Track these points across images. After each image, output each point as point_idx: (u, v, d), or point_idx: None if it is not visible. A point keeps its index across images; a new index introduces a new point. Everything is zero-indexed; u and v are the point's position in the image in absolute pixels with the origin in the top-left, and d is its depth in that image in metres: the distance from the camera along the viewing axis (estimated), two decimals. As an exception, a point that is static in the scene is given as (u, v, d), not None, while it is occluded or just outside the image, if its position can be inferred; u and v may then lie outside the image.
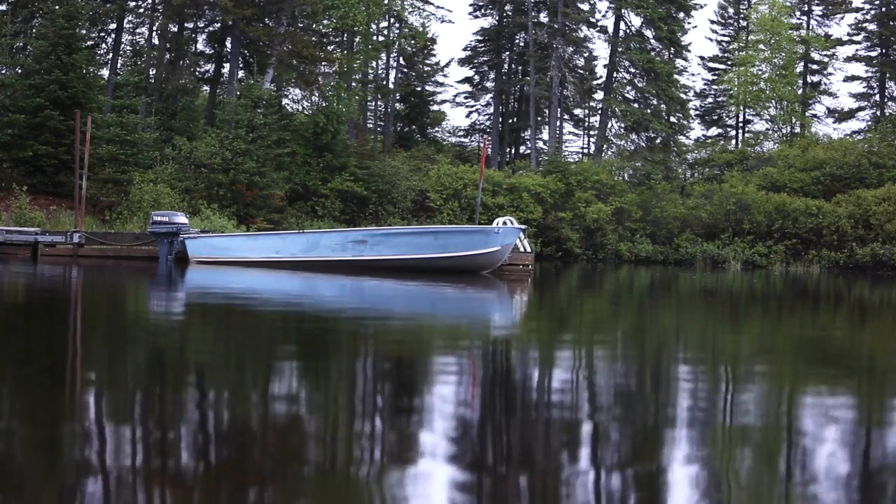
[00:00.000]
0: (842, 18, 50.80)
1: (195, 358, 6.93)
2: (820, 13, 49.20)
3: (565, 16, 43.59)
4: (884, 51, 47.72)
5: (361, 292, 15.06)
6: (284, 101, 40.84)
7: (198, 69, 39.19)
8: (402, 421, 4.71)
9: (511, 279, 19.75)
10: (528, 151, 47.68)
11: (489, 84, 51.13)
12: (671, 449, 4.28)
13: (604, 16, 46.50)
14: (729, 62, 50.26)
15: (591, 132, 53.84)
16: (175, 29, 36.76)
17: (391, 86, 46.24)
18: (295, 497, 3.38)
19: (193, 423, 4.49)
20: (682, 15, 45.79)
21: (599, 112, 48.14)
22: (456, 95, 54.08)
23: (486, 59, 50.23)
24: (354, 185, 34.90)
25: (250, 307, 11.89)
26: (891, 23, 46.84)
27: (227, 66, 37.24)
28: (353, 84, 40.02)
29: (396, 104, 47.80)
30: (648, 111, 45.06)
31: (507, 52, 49.63)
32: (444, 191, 36.26)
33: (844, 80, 49.59)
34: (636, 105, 45.41)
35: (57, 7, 31.38)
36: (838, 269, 35.69)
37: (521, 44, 48.40)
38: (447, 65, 61.15)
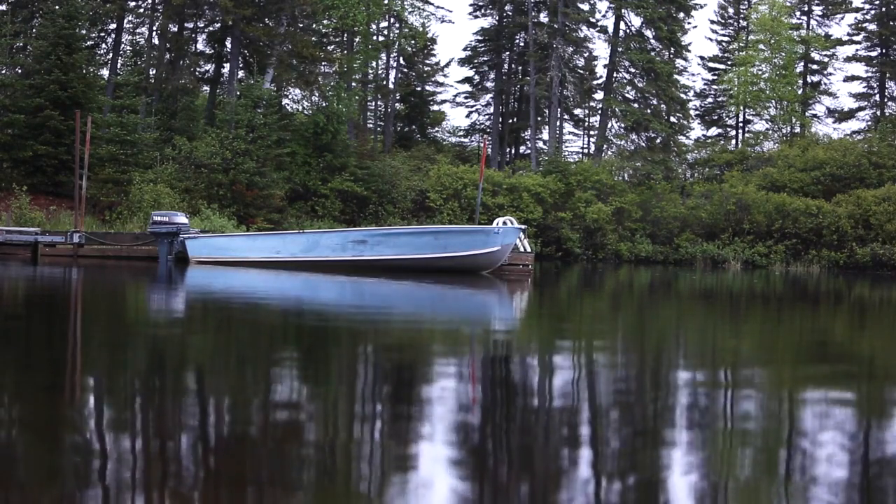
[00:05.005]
0: (842, 18, 50.80)
1: (195, 359, 6.93)
2: (820, 13, 49.20)
3: (565, 16, 43.58)
4: (884, 51, 47.71)
5: (361, 292, 15.05)
6: (284, 101, 40.84)
7: (198, 69, 39.15)
8: (402, 421, 4.71)
9: (511, 279, 19.74)
10: (528, 151, 47.67)
11: (489, 84, 51.13)
12: (672, 450, 4.28)
13: (604, 16, 46.52)
14: (729, 62, 50.24)
15: (591, 132, 53.84)
16: (175, 29, 36.73)
17: (391, 86, 46.23)
18: (296, 498, 3.38)
19: (193, 424, 4.49)
20: (682, 15, 45.77)
21: (599, 112, 48.13)
22: (456, 95, 54.14)
23: (486, 59, 50.22)
24: (354, 185, 34.89)
25: (250, 308, 11.89)
26: (891, 23, 46.83)
27: (227, 66, 37.22)
28: (353, 84, 40.01)
29: (396, 104, 47.79)
30: (648, 111, 45.04)
31: (507, 52, 49.62)
32: (444, 191, 36.26)
33: (844, 80, 49.64)
34: (636, 105, 45.39)
35: (57, 7, 31.36)
36: (838, 269, 35.69)
37: (521, 44, 48.39)
38: (447, 65, 61.19)
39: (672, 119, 46.43)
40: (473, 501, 3.44)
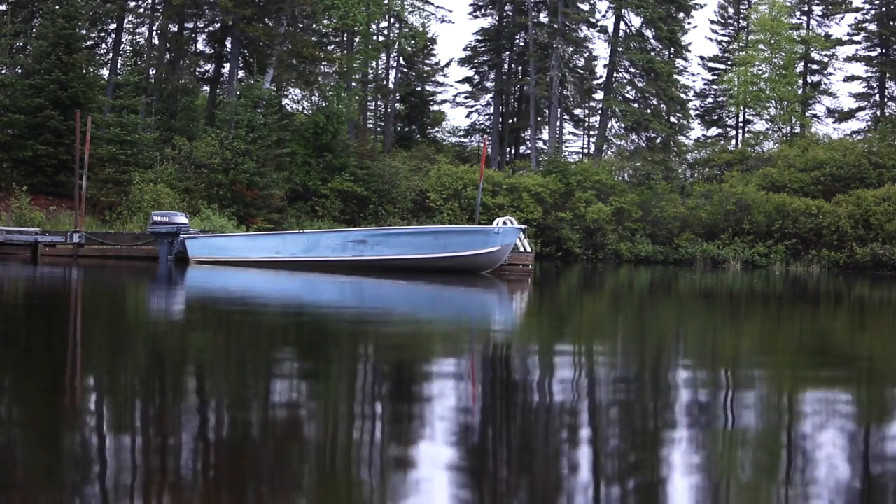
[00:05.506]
0: (842, 18, 50.78)
1: (195, 360, 6.93)
2: (820, 13, 49.19)
3: (565, 16, 43.57)
4: (884, 51, 47.70)
5: (361, 292, 15.05)
6: (284, 101, 40.83)
7: (198, 69, 39.16)
8: (403, 422, 4.71)
9: (511, 279, 19.74)
10: (528, 151, 47.66)
11: (489, 84, 51.12)
12: (672, 451, 4.28)
13: (604, 16, 46.53)
14: (729, 62, 50.23)
15: (591, 132, 53.84)
16: (175, 29, 36.73)
17: (391, 86, 46.23)
18: (296, 499, 3.38)
19: (193, 425, 4.49)
20: (682, 15, 45.78)
21: (599, 112, 48.13)
22: (456, 95, 54.11)
23: (486, 59, 50.22)
24: (354, 185, 34.89)
25: (250, 308, 11.88)
26: (891, 23, 46.82)
27: (227, 66, 37.22)
28: (353, 84, 40.02)
29: (396, 104, 47.78)
30: (648, 111, 45.04)
31: (507, 52, 49.61)
32: (444, 191, 36.26)
33: (844, 80, 49.61)
34: (636, 105, 45.39)
35: (57, 7, 31.35)
36: (838, 269, 35.68)
37: (521, 44, 48.39)
38: (447, 65, 61.09)
39: (672, 119, 46.43)
40: (473, 501, 3.43)
